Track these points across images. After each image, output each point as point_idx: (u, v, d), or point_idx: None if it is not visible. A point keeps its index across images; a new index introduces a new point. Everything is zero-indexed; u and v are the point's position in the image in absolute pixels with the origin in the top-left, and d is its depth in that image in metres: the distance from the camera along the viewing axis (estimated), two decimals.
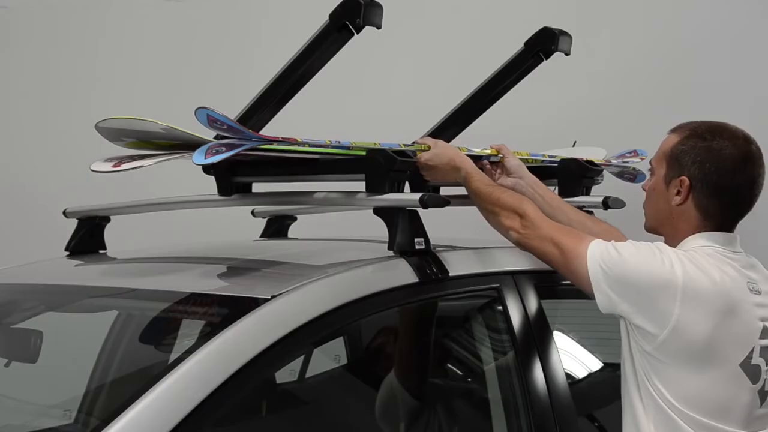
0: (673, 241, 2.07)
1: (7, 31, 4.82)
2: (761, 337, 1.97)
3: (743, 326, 1.95)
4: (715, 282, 1.93)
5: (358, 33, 2.22)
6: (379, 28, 2.24)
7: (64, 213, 2.67)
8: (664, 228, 2.10)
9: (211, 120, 2.00)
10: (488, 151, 2.51)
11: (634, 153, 3.16)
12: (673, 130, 2.11)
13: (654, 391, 1.96)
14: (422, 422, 2.36)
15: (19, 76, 4.81)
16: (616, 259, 1.95)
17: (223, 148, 1.98)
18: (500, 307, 2.30)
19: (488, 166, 2.49)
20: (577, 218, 2.37)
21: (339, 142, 2.23)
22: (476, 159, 2.43)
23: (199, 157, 1.94)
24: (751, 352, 1.95)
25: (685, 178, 2.02)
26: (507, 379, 2.30)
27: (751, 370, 1.95)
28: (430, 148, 2.31)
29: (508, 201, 2.18)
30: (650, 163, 2.15)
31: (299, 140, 2.16)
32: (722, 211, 2.04)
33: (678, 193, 2.04)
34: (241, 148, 2.01)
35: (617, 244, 1.99)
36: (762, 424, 2.02)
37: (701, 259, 1.96)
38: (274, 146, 2.11)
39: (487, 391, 2.36)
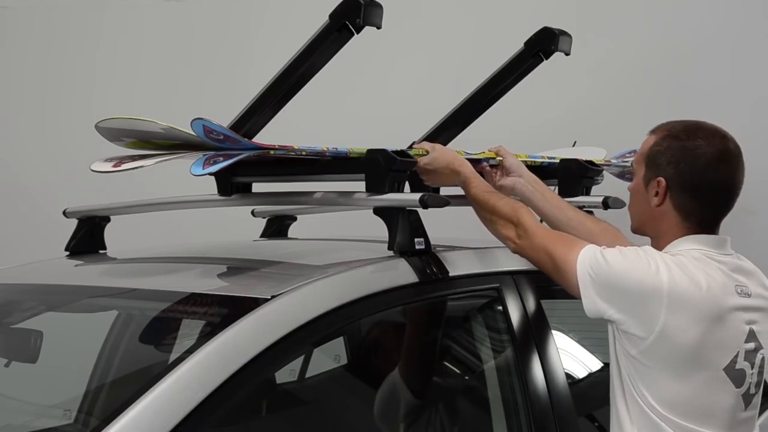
0: (658, 242, 2.06)
1: (7, 31, 4.83)
2: (746, 341, 1.96)
3: (729, 331, 1.94)
4: (701, 288, 1.91)
5: (358, 33, 2.22)
6: (379, 28, 2.24)
7: (64, 213, 2.67)
8: (648, 228, 2.10)
9: (208, 131, 2.01)
10: (486, 153, 2.51)
11: (634, 153, 3.15)
12: (652, 131, 2.11)
13: (638, 395, 1.95)
14: (423, 421, 2.36)
15: (19, 76, 4.82)
16: (603, 265, 1.95)
17: (221, 158, 2.00)
18: (500, 307, 2.30)
19: (488, 168, 2.49)
20: (576, 217, 2.37)
21: (336, 148, 2.23)
22: (475, 162, 2.43)
23: (197, 168, 1.97)
24: (736, 356, 1.94)
25: (661, 179, 2.02)
26: (507, 379, 2.30)
27: (735, 375, 1.94)
28: (428, 152, 2.31)
29: (504, 209, 2.18)
30: (631, 164, 2.15)
31: (296, 147, 2.17)
32: (701, 210, 2.03)
33: (656, 194, 2.03)
34: (237, 158, 2.02)
35: (605, 250, 1.99)
36: (747, 427, 2.01)
37: (688, 264, 1.95)
38: (271, 153, 2.12)
39: (487, 391, 2.36)
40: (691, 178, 2.00)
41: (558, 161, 2.73)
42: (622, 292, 1.93)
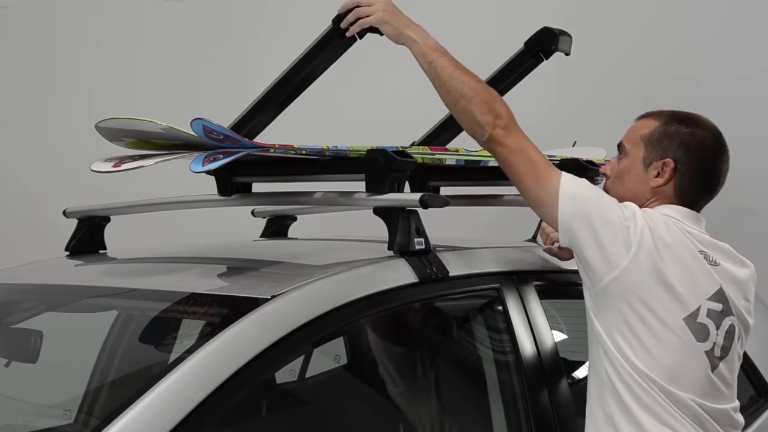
0: None
1: (7, 31, 4.83)
2: (710, 299, 1.99)
3: (688, 285, 1.97)
4: (664, 240, 1.97)
5: (361, 38, 2.23)
6: (381, 34, 2.26)
7: (64, 213, 2.67)
8: None
9: (208, 131, 2.01)
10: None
11: None
12: (646, 117, 2.16)
13: (615, 349, 1.97)
14: (422, 422, 2.36)
15: (19, 76, 4.82)
16: (586, 195, 2.00)
17: (221, 156, 2.00)
18: (500, 307, 2.30)
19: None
20: None
21: (336, 147, 2.23)
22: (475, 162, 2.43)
23: (197, 165, 1.96)
24: (698, 310, 1.97)
25: (669, 160, 2.07)
26: (507, 379, 2.30)
27: (696, 328, 1.97)
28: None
29: (484, 92, 2.11)
30: (621, 145, 2.17)
31: (296, 146, 2.17)
32: (698, 194, 2.10)
33: (658, 174, 2.09)
34: (238, 155, 2.02)
35: (586, 182, 2.04)
36: (722, 398, 2.02)
37: (657, 220, 2.01)
38: (271, 152, 2.12)
39: (487, 391, 2.36)
40: (699, 163, 2.08)
41: (558, 161, 2.73)
42: (598, 223, 1.97)
